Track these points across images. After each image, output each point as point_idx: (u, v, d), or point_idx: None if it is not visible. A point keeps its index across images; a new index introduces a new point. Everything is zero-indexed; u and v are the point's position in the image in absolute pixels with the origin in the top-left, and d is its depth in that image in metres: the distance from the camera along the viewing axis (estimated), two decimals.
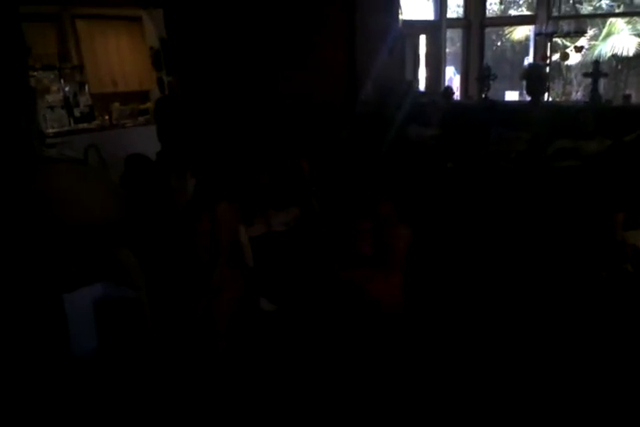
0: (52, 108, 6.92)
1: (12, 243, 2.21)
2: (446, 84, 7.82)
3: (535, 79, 5.28)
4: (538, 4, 8.15)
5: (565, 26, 7.60)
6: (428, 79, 8.23)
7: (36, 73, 6.77)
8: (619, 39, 9.51)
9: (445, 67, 8.53)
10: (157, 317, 2.66)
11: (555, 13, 7.78)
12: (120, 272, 2.65)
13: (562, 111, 4.99)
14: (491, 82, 5.79)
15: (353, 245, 3.08)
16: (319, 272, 3.21)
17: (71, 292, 2.65)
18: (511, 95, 9.45)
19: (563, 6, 7.90)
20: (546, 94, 6.09)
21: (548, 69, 6.55)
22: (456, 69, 9.38)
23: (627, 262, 3.37)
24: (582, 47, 8.02)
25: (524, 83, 5.76)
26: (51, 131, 6.50)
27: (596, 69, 5.47)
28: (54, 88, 7.32)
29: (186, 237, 2.65)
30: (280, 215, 3.59)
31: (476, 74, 8.29)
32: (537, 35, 7.64)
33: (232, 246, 2.85)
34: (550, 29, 7.20)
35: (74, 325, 2.64)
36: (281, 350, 2.93)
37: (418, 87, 6.84)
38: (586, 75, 6.02)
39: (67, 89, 7.31)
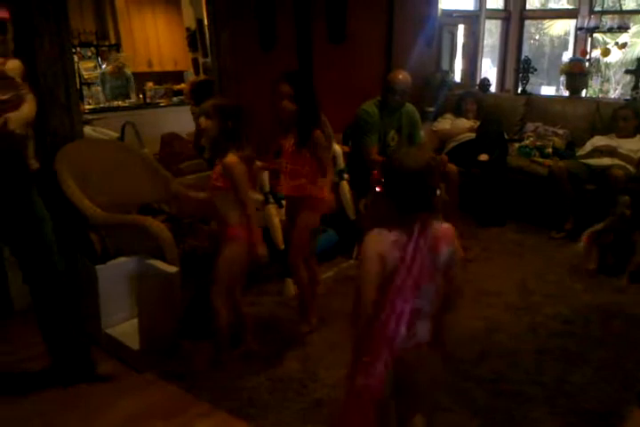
0: (87, 84, 6.97)
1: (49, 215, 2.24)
2: (483, 76, 7.69)
3: (576, 74, 5.19)
4: None
5: (608, 21, 7.41)
6: (463, 71, 8.13)
7: (74, 50, 6.81)
8: None
9: (482, 59, 8.40)
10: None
11: (597, 8, 7.61)
12: (154, 246, 2.67)
13: (602, 108, 4.88)
14: (530, 75, 5.70)
15: None
16: None
17: (105, 264, 2.69)
18: (547, 90, 9.31)
19: (606, 1, 7.72)
20: (583, 91, 5.99)
21: (587, 65, 6.41)
22: (492, 62, 9.24)
23: None
24: (625, 44, 7.83)
25: (564, 78, 5.67)
26: (87, 107, 6.56)
27: (638, 66, 5.36)
28: (91, 65, 7.38)
29: None
30: None
31: (514, 67, 8.19)
32: (578, 29, 7.49)
33: None
34: (592, 24, 7.04)
35: (106, 297, 2.68)
36: None
37: (454, 78, 6.75)
38: (628, 72, 5.91)
39: (103, 67, 7.37)
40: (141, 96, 7.40)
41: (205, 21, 7.12)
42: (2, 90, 2.00)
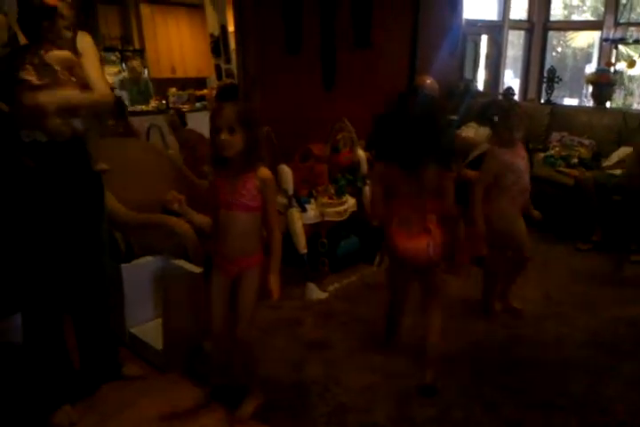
0: (112, 89, 7.01)
1: (84, 208, 2.23)
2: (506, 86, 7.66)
3: (603, 85, 5.14)
4: (606, 9, 7.94)
5: (634, 33, 7.37)
6: (486, 81, 8.10)
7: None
8: None
9: (505, 69, 8.38)
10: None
11: (622, 20, 7.57)
12: (178, 246, 2.66)
13: (628, 119, 4.82)
14: (555, 84, 5.66)
15: None
16: None
17: (130, 262, 2.68)
18: (570, 102, 9.23)
19: (631, 13, 7.68)
20: (607, 103, 5.93)
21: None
22: (514, 73, 9.20)
23: None
24: None
25: (589, 88, 5.62)
26: None
27: None
28: (115, 70, 7.45)
29: None
30: (335, 205, 3.56)
31: (537, 78, 8.15)
32: (603, 40, 7.44)
33: None
34: (618, 36, 6.99)
35: (130, 296, 2.67)
36: None
37: (477, 87, 6.72)
38: None
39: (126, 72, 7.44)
40: (164, 101, 7.45)
41: (229, 27, 7.21)
42: (38, 75, 1.99)
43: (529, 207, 3.05)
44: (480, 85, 7.73)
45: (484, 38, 8.00)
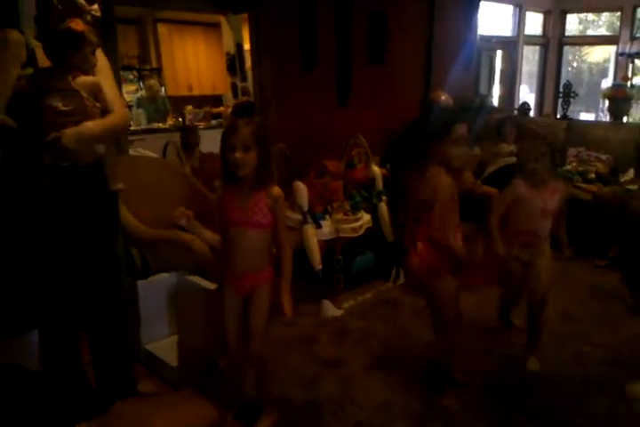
0: (129, 107, 7.11)
1: (100, 228, 2.25)
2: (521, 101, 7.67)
3: (619, 99, 5.12)
4: (621, 24, 7.95)
5: None
6: (501, 96, 8.11)
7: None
8: None
9: (520, 85, 8.38)
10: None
11: (638, 34, 7.57)
12: (194, 263, 2.67)
13: None
14: (572, 99, 5.64)
15: None
16: None
17: (145, 279, 2.69)
18: (586, 117, 9.20)
19: None
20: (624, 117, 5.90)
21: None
22: (529, 88, 9.21)
23: None
24: None
25: (606, 103, 5.59)
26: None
27: None
28: (132, 88, 7.56)
29: None
30: (350, 221, 3.56)
31: (552, 93, 8.15)
32: (620, 55, 7.43)
33: None
34: (635, 50, 6.98)
35: (146, 312, 2.68)
36: None
37: (492, 102, 6.72)
38: None
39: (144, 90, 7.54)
40: (181, 119, 7.53)
41: (245, 46, 7.30)
42: (64, 101, 1.98)
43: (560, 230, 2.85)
44: (495, 101, 7.74)
45: (499, 54, 8.04)
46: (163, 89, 7.72)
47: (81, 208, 2.14)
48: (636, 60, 7.91)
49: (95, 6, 2.14)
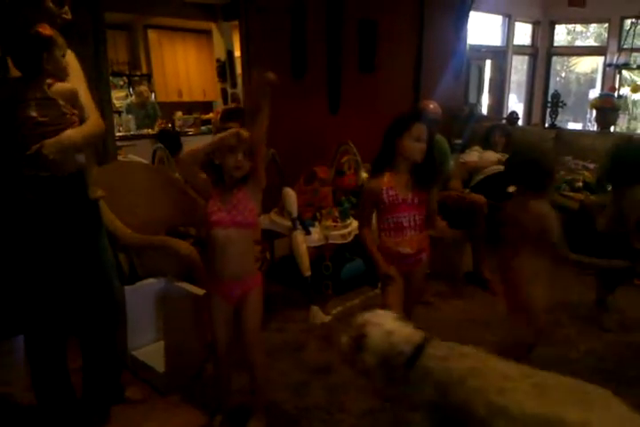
0: (119, 113, 7.10)
1: (83, 236, 2.22)
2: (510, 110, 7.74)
3: (607, 109, 5.18)
4: (609, 35, 8.05)
5: (637, 58, 7.46)
6: (490, 106, 8.17)
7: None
8: None
9: (509, 94, 8.46)
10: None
11: (626, 45, 7.66)
12: (182, 268, 2.67)
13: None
14: (559, 109, 5.70)
15: None
16: None
17: (133, 284, 2.68)
18: (574, 127, 9.28)
19: (634, 39, 7.77)
20: (612, 127, 5.97)
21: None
22: (518, 98, 9.29)
23: None
24: None
25: (593, 113, 5.65)
26: (117, 134, 6.67)
27: None
28: (122, 94, 7.55)
29: None
30: (339, 227, 3.56)
31: (541, 102, 8.21)
32: (607, 65, 7.51)
33: None
34: (622, 61, 7.06)
35: (133, 318, 2.66)
36: None
37: (481, 111, 6.78)
38: None
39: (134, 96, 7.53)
40: (170, 125, 7.52)
41: (236, 52, 7.32)
42: (41, 111, 1.92)
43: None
44: (484, 110, 7.79)
45: (488, 63, 8.10)
46: (153, 95, 7.72)
47: (62, 217, 2.09)
48: (624, 71, 8.01)
49: (65, 9, 2.09)
